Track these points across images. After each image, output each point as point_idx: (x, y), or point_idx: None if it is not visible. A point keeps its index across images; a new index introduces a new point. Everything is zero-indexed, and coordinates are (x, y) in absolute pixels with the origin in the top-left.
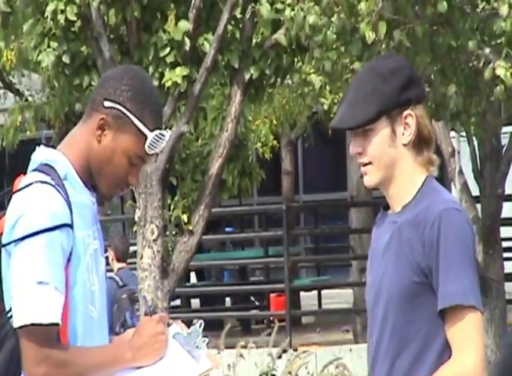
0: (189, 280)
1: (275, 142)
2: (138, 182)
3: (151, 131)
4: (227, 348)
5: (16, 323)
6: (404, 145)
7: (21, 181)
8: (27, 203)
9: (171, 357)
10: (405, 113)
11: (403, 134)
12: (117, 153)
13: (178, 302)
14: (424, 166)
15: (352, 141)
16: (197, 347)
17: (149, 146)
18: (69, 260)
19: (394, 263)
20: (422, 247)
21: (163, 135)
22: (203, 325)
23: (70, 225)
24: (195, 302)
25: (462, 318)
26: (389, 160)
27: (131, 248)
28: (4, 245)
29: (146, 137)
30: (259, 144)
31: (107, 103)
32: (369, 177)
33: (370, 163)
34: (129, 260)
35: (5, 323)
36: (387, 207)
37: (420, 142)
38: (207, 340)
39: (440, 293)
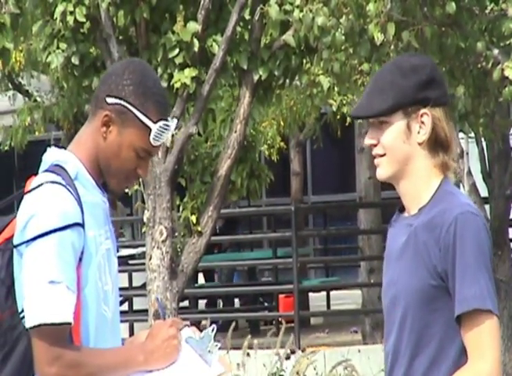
0: (196, 281)
1: (282, 143)
2: (147, 173)
3: (155, 122)
4: (236, 348)
5: (28, 323)
6: (419, 144)
7: (32, 182)
8: (38, 203)
9: (183, 361)
10: (422, 111)
11: (418, 132)
12: (123, 147)
13: (186, 303)
14: (439, 169)
15: (368, 132)
16: (209, 351)
17: (154, 138)
18: (80, 259)
19: (412, 266)
20: (438, 251)
21: (167, 126)
22: (215, 330)
23: (82, 225)
24: (203, 303)
25: (478, 323)
26: (402, 155)
27: (141, 249)
28: (15, 246)
29: (150, 129)
30: (265, 146)
31: (110, 100)
32: (382, 169)
33: (384, 155)
34: (138, 261)
35: (18, 324)
36: (402, 208)
37: (436, 144)
38: (219, 344)
39: (457, 298)
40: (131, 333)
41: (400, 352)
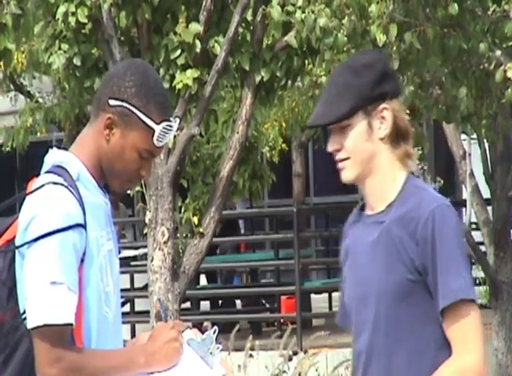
0: (198, 283)
1: (284, 145)
2: (151, 173)
3: (158, 123)
4: (238, 350)
5: (30, 324)
6: (381, 139)
7: (34, 183)
8: (40, 204)
9: (184, 363)
10: (381, 106)
11: (379, 128)
12: (126, 149)
13: (188, 305)
14: (402, 160)
15: (330, 139)
16: (211, 353)
17: (157, 139)
18: (82, 261)
19: (386, 262)
20: (415, 245)
21: (170, 126)
22: (217, 332)
23: (83, 226)
24: (205, 305)
25: (463, 314)
26: (366, 154)
27: (142, 250)
28: (17, 247)
29: (153, 131)
30: (267, 148)
31: (112, 102)
32: (347, 172)
33: (348, 158)
34: (140, 262)
35: (20, 325)
36: (362, 208)
37: (397, 136)
38: (221, 346)
39: (441, 290)
40: (133, 334)
41: (375, 351)
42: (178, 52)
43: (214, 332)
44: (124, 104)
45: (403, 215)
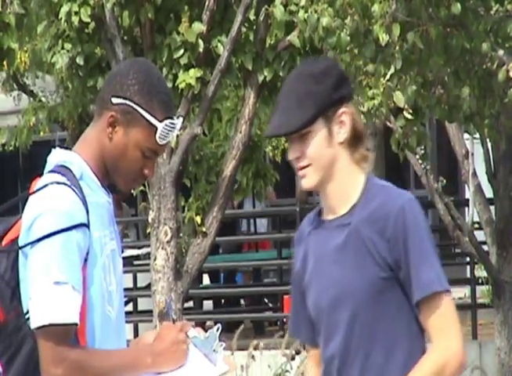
0: (201, 282)
1: (287, 144)
2: (154, 173)
3: (161, 121)
4: (241, 349)
5: (34, 323)
6: (340, 143)
7: (37, 183)
8: (44, 204)
9: (188, 361)
10: (340, 111)
11: (339, 132)
12: (129, 147)
13: (190, 304)
14: (359, 163)
15: (290, 147)
16: (214, 351)
17: (160, 137)
18: (86, 260)
19: (356, 263)
20: (387, 242)
21: (173, 124)
22: (220, 329)
23: (87, 225)
24: (207, 304)
25: (439, 304)
26: (327, 160)
27: (145, 250)
28: (21, 247)
29: (156, 128)
30: (270, 147)
31: (115, 100)
32: (308, 179)
33: (309, 165)
34: (143, 261)
35: (23, 325)
36: (319, 213)
37: (355, 139)
38: (224, 344)
39: (415, 284)
40: (136, 334)
41: (350, 353)
42: (181, 51)
43: (218, 330)
44: (127, 102)
45: (370, 214)
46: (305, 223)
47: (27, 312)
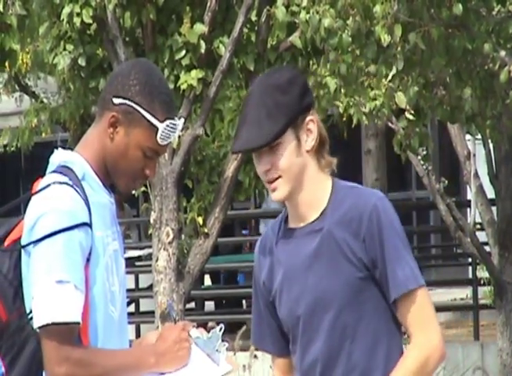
0: (203, 283)
1: None
2: (155, 173)
3: (162, 121)
4: (243, 350)
5: (37, 322)
6: (307, 151)
7: (39, 183)
8: (46, 204)
9: (191, 361)
10: (307, 119)
11: (306, 141)
12: (130, 148)
13: (192, 305)
14: (325, 169)
15: (259, 160)
16: (217, 351)
17: (161, 137)
18: (88, 260)
19: (332, 266)
20: (362, 242)
21: (174, 125)
22: (223, 329)
23: (89, 225)
24: (209, 305)
25: (415, 300)
26: (297, 169)
27: (147, 251)
28: (23, 246)
29: (157, 129)
30: None
31: (116, 100)
32: (279, 191)
33: (279, 177)
34: (145, 262)
35: (26, 325)
36: (285, 221)
37: (320, 146)
38: (226, 344)
39: (392, 282)
40: (138, 334)
41: (333, 356)
42: (183, 52)
43: (220, 330)
44: (128, 102)
45: (342, 216)
46: (269, 233)
47: (30, 312)
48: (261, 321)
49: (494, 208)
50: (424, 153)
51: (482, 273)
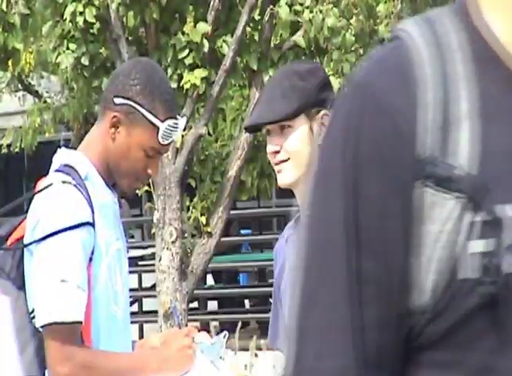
0: (205, 282)
1: None
2: (158, 173)
3: (163, 121)
4: (245, 350)
5: (39, 322)
6: (319, 146)
7: (42, 182)
8: (49, 203)
9: (194, 367)
10: (322, 112)
11: (320, 134)
12: (132, 148)
13: (195, 304)
14: None
15: (269, 140)
16: (221, 357)
17: (162, 137)
18: (91, 259)
19: None
20: None
21: (176, 124)
22: (227, 336)
23: (92, 224)
24: (212, 304)
25: None
26: (306, 158)
27: (150, 250)
28: (26, 245)
29: (158, 128)
30: None
31: (117, 100)
32: (286, 175)
33: (287, 160)
34: (148, 262)
35: (28, 324)
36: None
37: None
38: (231, 353)
39: None
40: (141, 334)
41: None
42: (186, 51)
43: (224, 336)
44: (129, 102)
45: None
46: (284, 232)
47: (33, 311)
48: (274, 321)
49: None
50: None
51: None
